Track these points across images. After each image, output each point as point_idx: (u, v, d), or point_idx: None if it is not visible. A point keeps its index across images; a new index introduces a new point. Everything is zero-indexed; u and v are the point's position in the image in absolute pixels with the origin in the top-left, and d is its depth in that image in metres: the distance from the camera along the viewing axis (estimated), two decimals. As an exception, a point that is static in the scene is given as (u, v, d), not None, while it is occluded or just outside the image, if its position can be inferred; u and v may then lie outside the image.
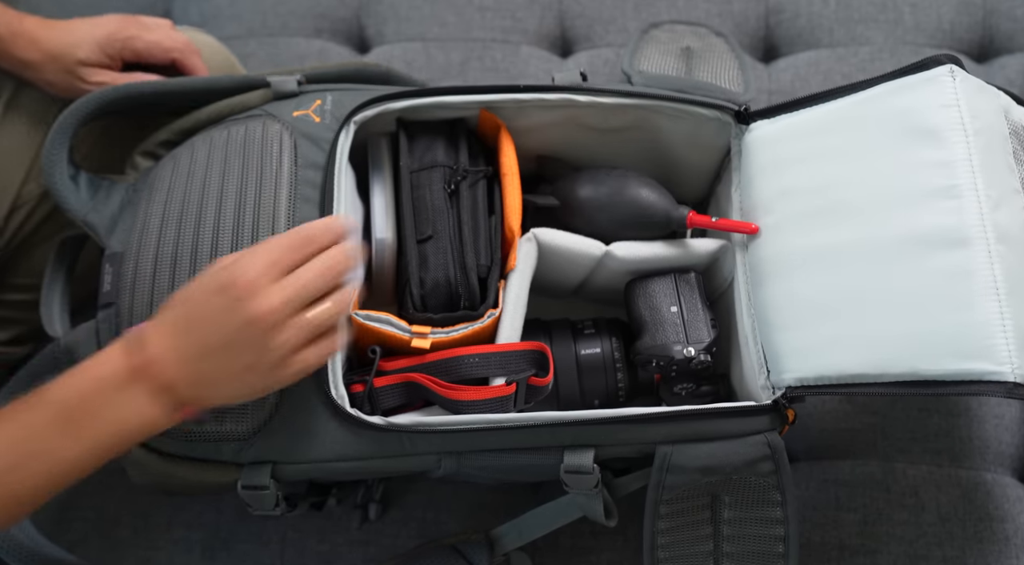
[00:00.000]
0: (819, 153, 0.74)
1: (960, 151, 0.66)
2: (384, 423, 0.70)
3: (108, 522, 0.91)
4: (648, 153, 0.85)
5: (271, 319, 0.60)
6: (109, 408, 0.59)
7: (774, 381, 0.73)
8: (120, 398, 0.60)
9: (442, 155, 0.79)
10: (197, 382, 0.61)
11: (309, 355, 0.63)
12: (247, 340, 0.60)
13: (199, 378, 0.61)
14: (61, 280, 0.81)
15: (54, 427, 0.59)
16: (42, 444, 0.59)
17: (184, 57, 0.87)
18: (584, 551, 0.86)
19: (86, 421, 0.59)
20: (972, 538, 0.84)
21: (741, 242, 0.78)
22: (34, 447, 0.58)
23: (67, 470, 0.60)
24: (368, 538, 0.89)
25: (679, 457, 0.70)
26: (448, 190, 0.77)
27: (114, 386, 0.60)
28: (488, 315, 0.75)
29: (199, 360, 0.61)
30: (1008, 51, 1.10)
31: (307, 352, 0.63)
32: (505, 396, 0.70)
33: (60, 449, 0.59)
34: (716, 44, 0.92)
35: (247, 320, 0.60)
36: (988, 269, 0.64)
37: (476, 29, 1.15)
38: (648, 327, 0.78)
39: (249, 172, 0.76)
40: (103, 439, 0.60)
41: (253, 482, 0.70)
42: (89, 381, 0.60)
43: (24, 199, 0.86)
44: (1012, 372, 0.62)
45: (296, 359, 0.62)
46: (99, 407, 0.59)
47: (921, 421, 0.89)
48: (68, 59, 0.82)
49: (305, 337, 0.62)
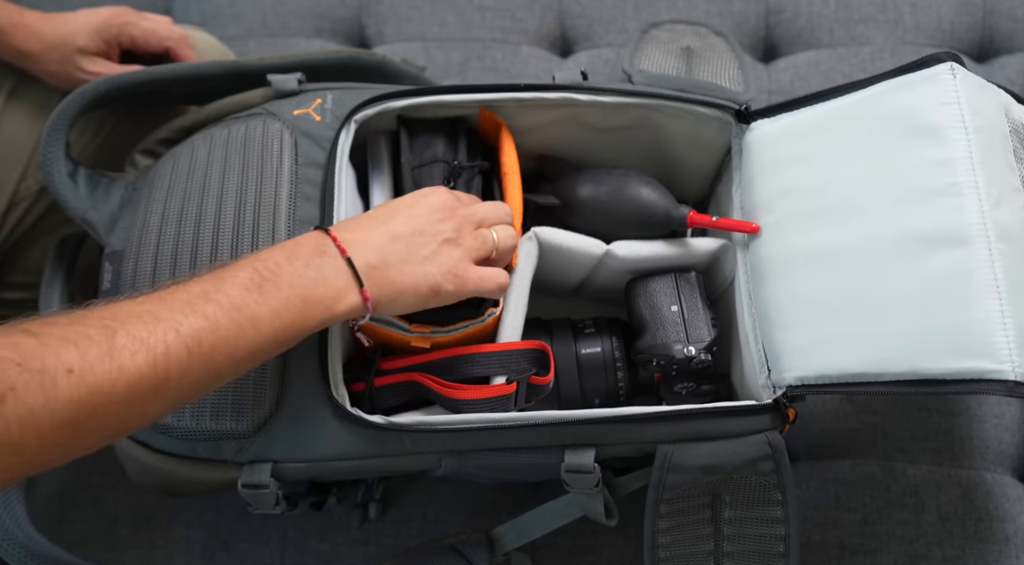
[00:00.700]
0: (819, 152, 0.74)
1: (961, 149, 0.66)
2: (385, 422, 0.69)
3: (108, 522, 0.91)
4: (649, 152, 0.85)
5: (455, 221, 0.68)
6: (296, 277, 0.61)
7: (775, 380, 0.73)
8: (307, 271, 0.61)
9: (442, 151, 0.79)
10: (381, 262, 0.64)
11: (484, 273, 0.69)
12: (432, 232, 0.66)
13: (383, 258, 0.64)
14: (60, 279, 0.81)
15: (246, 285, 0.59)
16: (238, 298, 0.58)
17: (178, 47, 0.89)
18: (584, 550, 0.86)
19: (274, 286, 0.60)
20: (972, 538, 0.84)
21: (742, 241, 0.78)
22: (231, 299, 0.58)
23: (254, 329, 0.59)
24: (368, 537, 0.89)
25: (680, 456, 0.70)
26: (448, 186, 0.77)
27: (304, 259, 0.62)
28: (489, 314, 0.75)
29: (387, 244, 0.65)
30: (1008, 51, 1.10)
31: (483, 270, 0.69)
32: (506, 395, 0.70)
33: (247, 309, 0.58)
34: (716, 44, 0.92)
35: (434, 209, 0.68)
36: (989, 267, 0.64)
37: (476, 29, 1.15)
38: (649, 326, 0.78)
39: (249, 170, 0.76)
40: (288, 307, 0.60)
41: (253, 481, 0.70)
42: (280, 253, 0.62)
43: (22, 195, 0.86)
44: (1013, 370, 0.62)
45: (472, 270, 0.68)
46: (287, 275, 0.61)
47: (921, 421, 0.89)
48: (67, 47, 0.83)
49: (479, 248, 0.69)
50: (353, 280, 0.63)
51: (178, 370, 0.55)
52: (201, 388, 0.58)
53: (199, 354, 0.56)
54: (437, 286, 0.66)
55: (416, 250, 0.66)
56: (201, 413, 0.70)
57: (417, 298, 0.66)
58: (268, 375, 0.70)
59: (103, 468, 0.89)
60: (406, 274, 0.65)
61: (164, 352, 0.54)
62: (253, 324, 0.58)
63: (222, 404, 0.70)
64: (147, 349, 0.54)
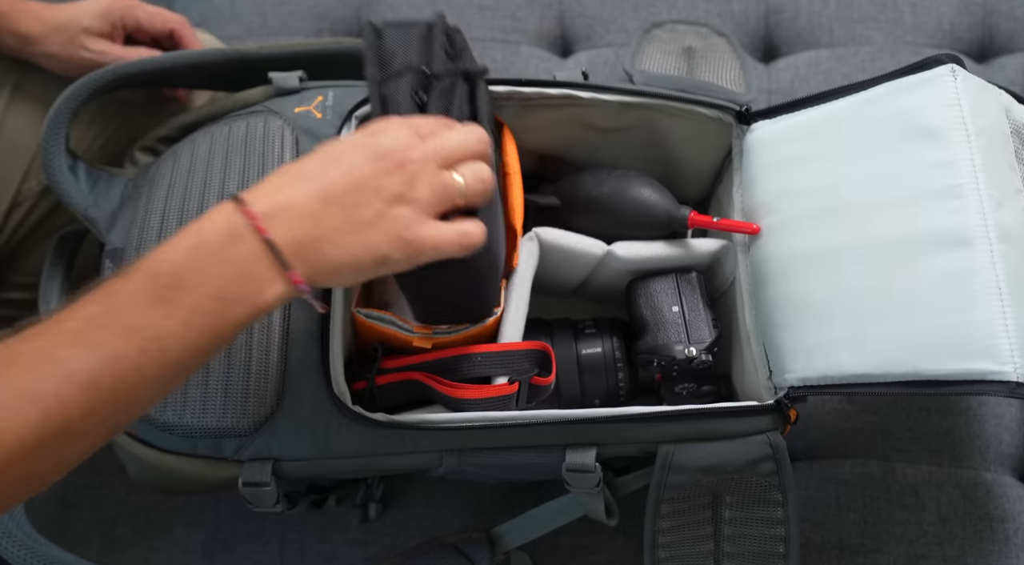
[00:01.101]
0: (821, 153, 0.74)
1: (962, 151, 0.66)
2: (386, 420, 0.69)
3: (108, 522, 0.91)
4: (649, 153, 0.85)
5: (408, 169, 0.54)
6: (206, 276, 0.51)
7: (776, 381, 0.73)
8: (216, 265, 0.52)
9: (415, 58, 0.65)
10: (311, 236, 0.53)
11: (443, 233, 0.55)
12: (374, 188, 0.53)
13: (314, 230, 0.53)
14: (59, 276, 0.80)
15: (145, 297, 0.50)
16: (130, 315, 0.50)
17: (182, 29, 0.88)
18: (584, 550, 0.86)
19: (179, 292, 0.51)
20: (972, 538, 0.84)
21: (743, 242, 0.78)
22: (126, 320, 0.50)
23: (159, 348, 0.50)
24: (368, 537, 0.89)
25: (681, 456, 0.70)
26: (418, 100, 0.64)
27: (211, 252, 0.52)
28: (490, 314, 0.75)
29: (319, 209, 0.53)
30: (1008, 51, 1.10)
31: (441, 229, 0.55)
32: (507, 395, 0.70)
33: (151, 322, 0.50)
34: (718, 44, 0.92)
35: (379, 156, 0.54)
36: (990, 269, 0.64)
37: (476, 29, 1.15)
38: (649, 327, 0.78)
39: (251, 168, 0.76)
40: (199, 313, 0.51)
41: (254, 479, 0.70)
42: (181, 250, 0.52)
43: (23, 196, 0.86)
44: (1015, 371, 0.62)
45: (427, 231, 0.55)
46: (194, 276, 0.51)
47: (921, 421, 0.89)
48: (72, 28, 0.83)
49: (439, 201, 0.55)
50: (277, 265, 0.53)
51: (79, 412, 0.48)
52: (120, 417, 0.52)
53: (100, 391, 0.49)
54: (382, 257, 0.55)
55: (355, 213, 0.54)
56: (202, 410, 0.69)
57: (358, 272, 0.55)
58: (269, 373, 0.70)
59: (103, 469, 0.89)
60: (342, 246, 0.54)
61: (55, 400, 0.47)
62: (159, 344, 0.50)
63: (223, 402, 0.70)
64: (33, 402, 0.47)
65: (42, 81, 0.86)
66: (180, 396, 0.70)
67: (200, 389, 0.70)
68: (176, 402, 0.70)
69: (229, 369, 0.70)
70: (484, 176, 0.58)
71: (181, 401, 0.70)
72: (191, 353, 0.52)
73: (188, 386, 0.70)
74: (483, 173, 0.58)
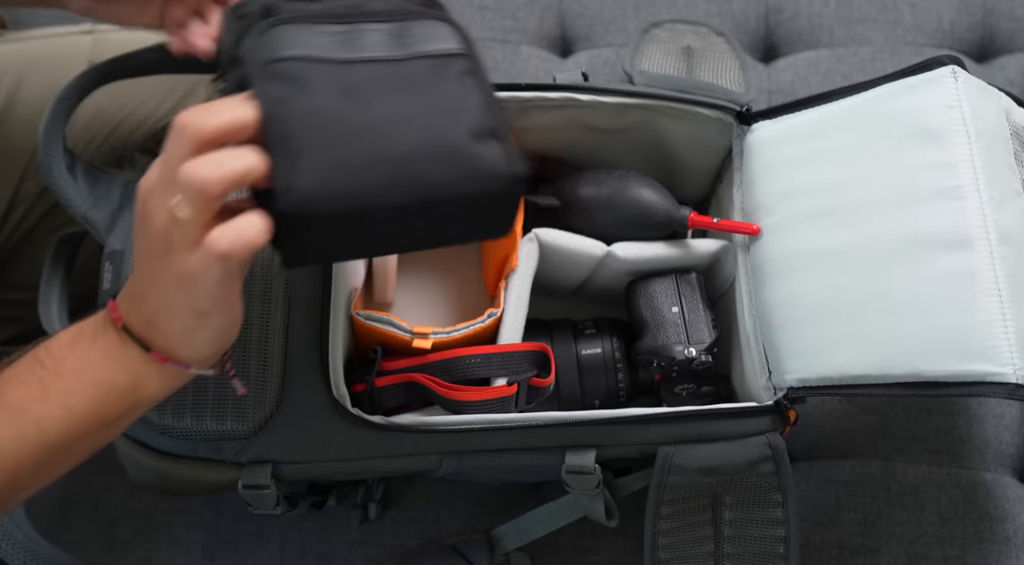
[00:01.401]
0: (821, 154, 0.74)
1: (962, 152, 0.66)
2: (385, 422, 0.69)
3: (108, 522, 0.90)
4: (649, 153, 0.85)
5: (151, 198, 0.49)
6: (82, 361, 0.53)
7: (776, 382, 0.73)
8: (92, 351, 0.53)
9: None
10: (145, 315, 0.52)
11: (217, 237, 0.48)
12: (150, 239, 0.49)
13: (144, 309, 0.52)
14: (59, 278, 0.80)
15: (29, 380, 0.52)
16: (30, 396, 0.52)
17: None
18: (584, 551, 0.86)
19: (58, 377, 0.52)
20: (972, 538, 0.84)
21: (743, 243, 0.78)
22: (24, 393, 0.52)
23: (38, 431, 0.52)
24: (368, 538, 0.89)
25: (681, 458, 0.70)
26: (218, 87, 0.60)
27: (87, 339, 0.53)
28: (489, 315, 0.75)
29: (142, 290, 0.52)
30: (1008, 51, 1.10)
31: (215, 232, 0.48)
32: (507, 397, 0.70)
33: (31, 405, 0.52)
34: (717, 43, 0.92)
35: (141, 214, 0.50)
36: (990, 270, 0.64)
37: (476, 29, 1.15)
38: (649, 327, 0.78)
39: None
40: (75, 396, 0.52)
41: (254, 481, 0.70)
42: (66, 338, 0.53)
43: (22, 196, 0.86)
44: (1014, 373, 0.62)
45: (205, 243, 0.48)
46: (72, 361, 0.53)
47: (921, 421, 0.89)
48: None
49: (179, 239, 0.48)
50: (138, 346, 0.53)
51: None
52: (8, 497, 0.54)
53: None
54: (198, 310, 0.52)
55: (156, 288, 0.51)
56: (202, 413, 0.69)
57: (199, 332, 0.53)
58: (269, 375, 0.70)
59: (103, 469, 0.89)
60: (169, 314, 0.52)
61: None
62: (37, 426, 0.52)
63: (223, 404, 0.70)
64: None
65: (39, 81, 0.86)
66: (179, 399, 0.70)
67: (199, 392, 0.70)
68: (175, 405, 0.70)
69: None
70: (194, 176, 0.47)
71: (180, 404, 0.69)
72: (77, 436, 0.53)
73: (187, 389, 0.70)
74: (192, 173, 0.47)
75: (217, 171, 0.47)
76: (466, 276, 0.85)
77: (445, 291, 0.85)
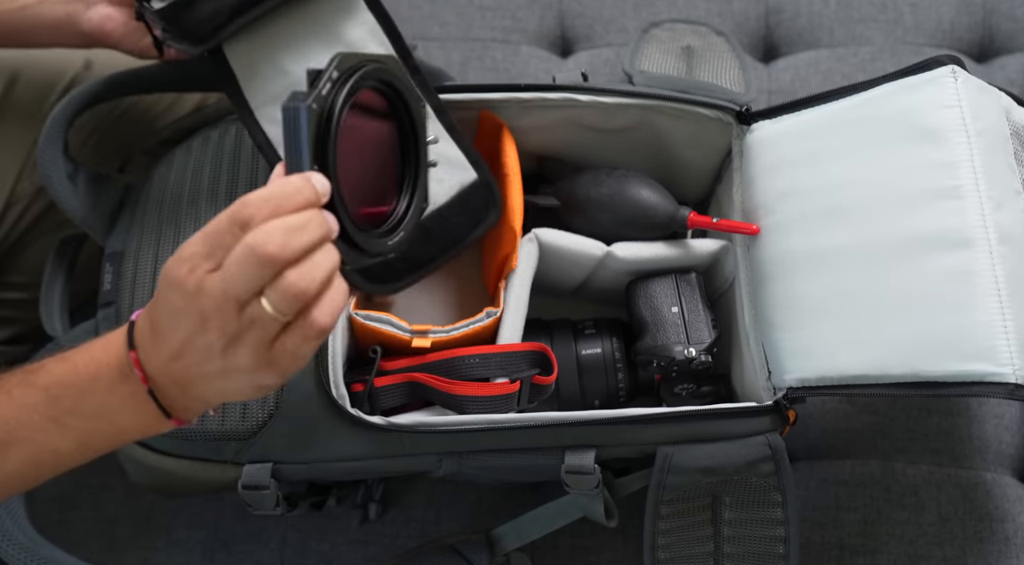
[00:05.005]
0: (821, 154, 0.74)
1: (962, 152, 0.66)
2: (385, 423, 0.70)
3: (108, 523, 0.91)
4: (649, 153, 0.85)
5: (212, 324, 0.50)
6: (100, 407, 0.55)
7: (775, 382, 0.73)
8: (111, 399, 0.54)
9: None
10: (178, 385, 0.54)
11: (288, 343, 0.51)
12: (202, 349, 0.51)
13: (178, 380, 0.53)
14: (60, 279, 0.80)
15: (44, 414, 0.54)
16: (29, 431, 0.54)
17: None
18: (584, 551, 0.86)
19: (76, 418, 0.55)
20: (972, 538, 0.84)
21: (742, 243, 0.78)
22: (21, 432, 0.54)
23: (55, 460, 0.56)
24: (368, 538, 0.89)
25: (680, 458, 0.70)
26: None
27: (106, 386, 0.54)
28: (488, 314, 0.75)
29: (172, 361, 0.52)
30: (1008, 51, 1.10)
31: (285, 340, 0.51)
32: (508, 394, 0.70)
33: (48, 439, 0.55)
34: (717, 43, 0.92)
35: (177, 312, 0.50)
36: (990, 270, 0.64)
37: (476, 29, 1.15)
38: (649, 327, 0.78)
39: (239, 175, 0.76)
40: (94, 437, 0.56)
41: (253, 482, 0.70)
42: (82, 377, 0.55)
43: (18, 196, 0.86)
44: (1013, 373, 0.62)
45: (278, 359, 0.51)
46: (90, 405, 0.54)
47: (921, 421, 0.89)
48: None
49: (262, 335, 0.50)
50: (159, 411, 0.55)
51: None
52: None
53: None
54: (261, 388, 0.53)
55: (204, 368, 0.52)
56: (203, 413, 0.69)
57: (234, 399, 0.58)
58: (269, 376, 0.70)
59: (103, 469, 0.88)
60: (214, 392, 0.53)
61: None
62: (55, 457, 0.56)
63: (223, 405, 0.70)
64: None
65: (34, 82, 0.86)
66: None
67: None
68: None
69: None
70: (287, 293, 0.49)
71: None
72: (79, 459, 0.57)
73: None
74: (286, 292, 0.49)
75: (315, 280, 0.49)
76: (466, 276, 0.85)
77: (445, 291, 0.85)
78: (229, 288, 0.49)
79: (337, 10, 0.71)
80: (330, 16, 0.71)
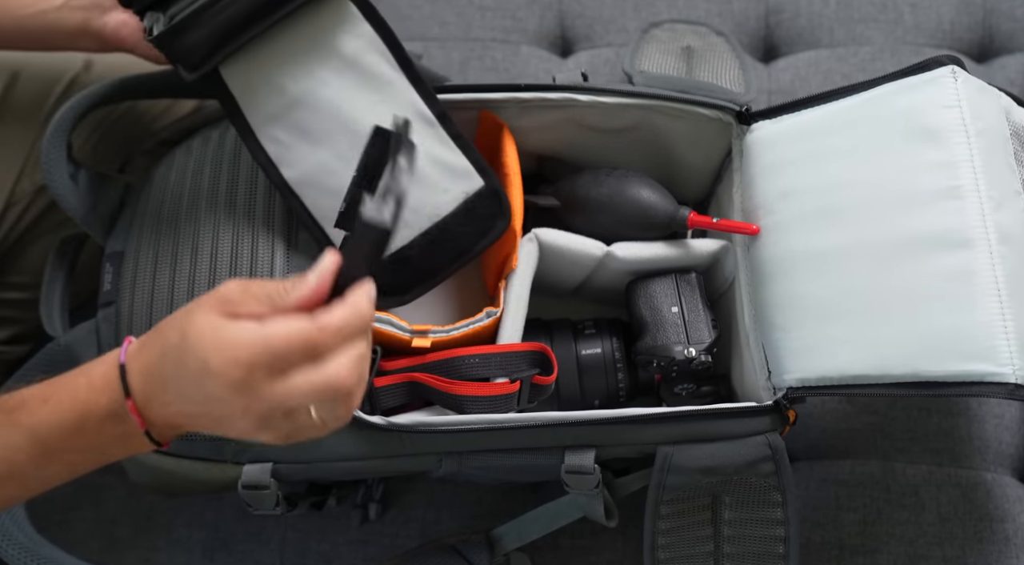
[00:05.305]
0: (821, 154, 0.74)
1: (962, 152, 0.66)
2: (385, 423, 0.69)
3: (108, 522, 0.91)
4: (649, 153, 0.85)
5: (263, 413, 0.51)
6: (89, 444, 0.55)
7: (775, 382, 0.73)
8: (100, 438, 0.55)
9: None
10: (179, 429, 0.55)
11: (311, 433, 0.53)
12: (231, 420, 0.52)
13: (181, 426, 0.54)
14: (61, 279, 0.80)
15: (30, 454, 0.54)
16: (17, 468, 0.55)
17: None
18: (584, 551, 0.86)
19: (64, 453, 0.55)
20: (972, 538, 0.84)
21: (742, 243, 0.78)
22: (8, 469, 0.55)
23: (43, 486, 0.57)
24: (368, 538, 0.89)
25: (680, 458, 0.70)
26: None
27: (95, 427, 0.54)
28: (488, 314, 0.75)
29: (181, 416, 0.53)
30: (1008, 51, 1.10)
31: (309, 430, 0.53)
32: (508, 394, 0.70)
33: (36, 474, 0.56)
34: (717, 43, 0.92)
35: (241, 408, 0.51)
36: (990, 270, 0.64)
37: (476, 29, 1.15)
38: (649, 327, 0.78)
39: (246, 171, 0.76)
40: (82, 465, 0.57)
41: (253, 481, 0.70)
42: (68, 419, 0.54)
43: (18, 196, 0.86)
44: (1013, 373, 0.62)
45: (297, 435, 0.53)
46: (79, 444, 0.55)
47: (921, 421, 0.89)
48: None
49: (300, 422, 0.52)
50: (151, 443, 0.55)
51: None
52: None
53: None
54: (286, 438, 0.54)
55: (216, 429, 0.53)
56: None
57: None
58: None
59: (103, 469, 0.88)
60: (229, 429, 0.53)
61: None
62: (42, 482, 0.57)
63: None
64: None
65: (34, 82, 0.86)
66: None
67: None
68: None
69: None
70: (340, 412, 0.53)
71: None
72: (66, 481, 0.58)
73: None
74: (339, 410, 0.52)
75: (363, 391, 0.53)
76: (466, 276, 0.85)
77: (445, 291, 0.85)
78: (288, 403, 0.51)
79: (332, 24, 0.71)
80: (325, 31, 0.70)
